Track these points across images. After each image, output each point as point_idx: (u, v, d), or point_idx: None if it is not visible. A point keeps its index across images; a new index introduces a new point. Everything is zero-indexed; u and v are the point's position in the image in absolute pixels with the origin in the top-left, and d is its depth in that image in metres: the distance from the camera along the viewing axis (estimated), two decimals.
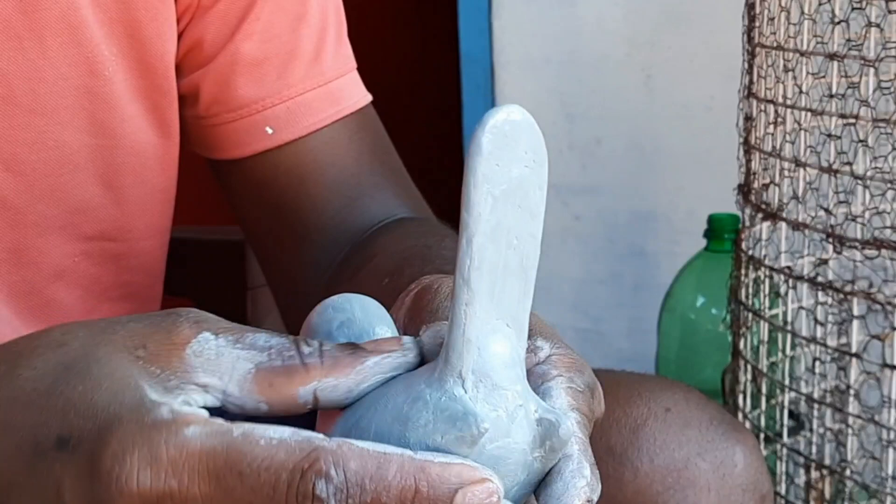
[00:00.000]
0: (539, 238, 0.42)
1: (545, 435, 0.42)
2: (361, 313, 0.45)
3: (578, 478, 0.42)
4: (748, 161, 1.05)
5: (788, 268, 1.02)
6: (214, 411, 0.40)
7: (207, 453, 0.37)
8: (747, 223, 1.06)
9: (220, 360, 0.40)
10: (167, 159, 0.75)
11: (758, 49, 1.02)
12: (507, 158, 0.40)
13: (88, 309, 0.74)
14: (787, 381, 1.05)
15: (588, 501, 0.41)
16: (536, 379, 0.44)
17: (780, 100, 0.99)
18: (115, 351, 0.40)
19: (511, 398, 0.41)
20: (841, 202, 0.96)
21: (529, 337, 0.44)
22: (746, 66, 1.05)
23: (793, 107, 0.97)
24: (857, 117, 0.91)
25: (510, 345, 0.42)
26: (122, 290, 0.77)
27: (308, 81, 0.75)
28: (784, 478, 1.05)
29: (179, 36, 0.72)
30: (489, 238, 0.41)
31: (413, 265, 0.61)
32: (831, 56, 0.92)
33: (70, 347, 0.40)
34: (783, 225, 1.01)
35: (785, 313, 1.04)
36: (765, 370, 1.05)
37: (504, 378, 0.41)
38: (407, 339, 0.42)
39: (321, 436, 0.38)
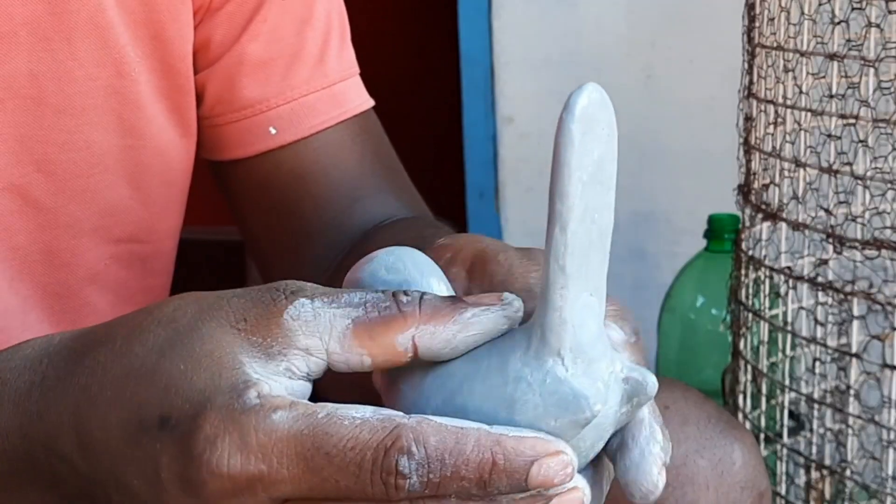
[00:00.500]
0: (613, 205, 0.43)
1: (633, 392, 0.43)
2: (413, 266, 0.46)
3: (653, 443, 0.43)
4: (748, 161, 1.05)
5: (788, 268, 1.02)
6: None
7: (295, 436, 0.39)
8: (747, 223, 1.06)
9: (317, 321, 0.41)
10: (187, 159, 0.75)
11: (758, 49, 1.02)
12: (592, 141, 0.42)
13: (118, 313, 0.74)
14: (787, 382, 1.05)
15: (663, 465, 0.42)
16: None
17: (780, 100, 0.99)
18: (218, 325, 0.41)
19: (605, 368, 0.42)
20: (841, 202, 0.96)
21: None
22: (746, 66, 1.05)
23: (793, 107, 0.97)
24: (857, 117, 0.91)
25: (598, 316, 0.43)
26: (148, 294, 0.77)
27: (312, 83, 0.75)
28: (784, 478, 1.05)
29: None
30: (579, 223, 0.42)
31: None
32: (831, 56, 0.92)
33: (179, 324, 0.42)
34: (783, 225, 1.01)
35: (785, 313, 1.04)
36: (765, 370, 1.05)
37: (597, 350, 0.42)
38: (508, 294, 0.42)
39: (401, 414, 0.39)
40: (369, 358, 0.42)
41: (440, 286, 0.46)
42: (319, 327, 0.41)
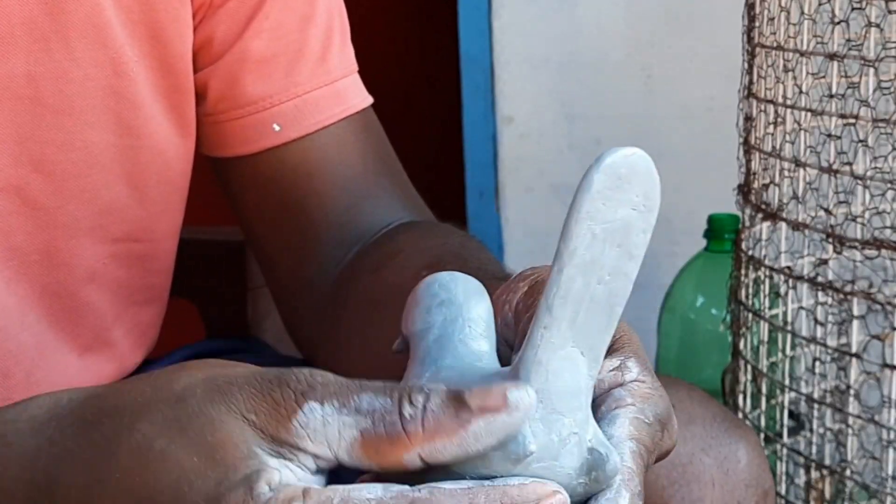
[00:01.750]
0: (633, 278, 0.43)
1: (593, 465, 0.43)
2: (464, 296, 0.47)
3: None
4: (748, 161, 1.05)
5: (788, 268, 1.02)
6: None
7: None
8: (747, 223, 1.06)
9: (326, 430, 0.41)
10: (186, 158, 0.75)
11: (758, 49, 1.02)
12: (616, 199, 0.41)
13: (117, 313, 0.75)
14: (787, 382, 1.05)
15: None
16: (612, 402, 0.45)
17: (780, 100, 0.99)
18: (229, 413, 0.41)
19: (567, 424, 0.42)
20: (841, 202, 0.96)
21: (624, 356, 0.45)
22: (746, 66, 1.05)
23: (793, 107, 0.98)
24: (857, 117, 0.91)
25: (579, 373, 0.42)
26: (147, 293, 0.77)
27: (315, 80, 0.75)
28: (784, 478, 1.05)
29: (192, 33, 0.73)
30: (580, 272, 0.41)
31: (451, 261, 0.62)
32: (831, 56, 0.92)
33: (187, 405, 0.42)
34: (783, 225, 1.01)
35: (785, 313, 1.04)
36: (765, 370, 1.05)
37: (566, 404, 0.42)
38: (513, 395, 0.41)
39: (408, 487, 0.40)
40: (377, 467, 0.42)
41: (480, 310, 0.46)
42: (328, 437, 0.41)
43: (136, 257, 0.74)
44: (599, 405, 0.45)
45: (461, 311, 0.46)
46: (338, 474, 0.43)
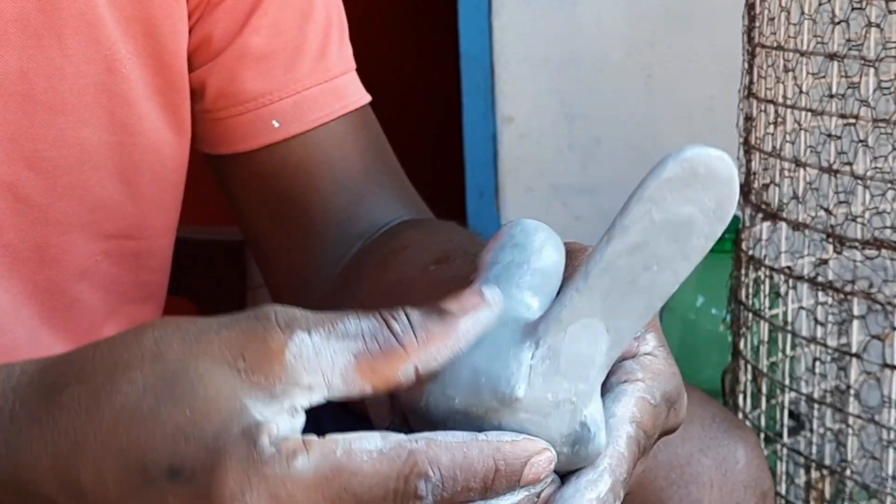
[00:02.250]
0: (681, 279, 0.42)
1: (578, 439, 0.42)
2: (539, 243, 0.46)
3: (591, 489, 0.43)
4: (748, 161, 1.05)
5: (788, 268, 1.02)
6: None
7: (321, 482, 0.39)
8: (747, 223, 1.06)
9: (320, 358, 0.41)
10: (181, 156, 0.75)
11: (758, 49, 1.02)
12: (685, 195, 0.40)
13: (110, 310, 0.75)
14: (787, 381, 1.05)
15: None
16: (621, 374, 0.45)
17: (781, 100, 0.99)
18: (215, 364, 0.40)
19: (566, 389, 0.42)
20: (841, 202, 0.96)
21: (643, 331, 0.46)
22: (746, 66, 1.05)
23: (793, 107, 0.98)
24: (857, 117, 0.91)
25: (597, 347, 0.42)
26: (142, 290, 0.77)
27: (314, 76, 0.75)
28: (784, 478, 1.05)
29: (189, 32, 0.73)
30: (627, 251, 0.41)
31: (459, 256, 0.61)
32: (831, 56, 0.92)
33: (167, 360, 0.41)
34: (783, 225, 1.01)
35: (785, 313, 1.04)
36: (765, 370, 1.05)
37: (572, 371, 0.42)
38: (488, 291, 0.43)
39: (406, 437, 0.40)
40: (371, 388, 0.41)
41: (548, 263, 0.46)
42: (322, 365, 0.41)
43: (130, 254, 0.74)
44: (609, 375, 0.45)
45: (529, 259, 0.45)
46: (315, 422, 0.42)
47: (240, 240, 0.96)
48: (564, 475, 0.43)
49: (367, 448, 0.39)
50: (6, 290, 0.69)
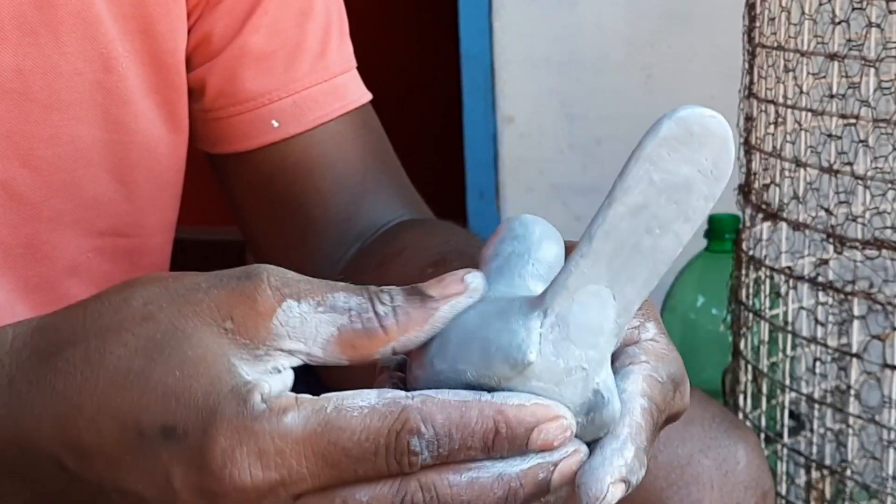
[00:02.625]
0: (684, 241, 0.42)
1: (593, 406, 0.42)
2: (539, 234, 0.47)
3: (617, 456, 0.42)
4: (749, 161, 1.05)
5: (789, 268, 1.02)
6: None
7: (310, 437, 0.39)
8: (748, 223, 1.06)
9: (304, 327, 0.42)
10: (177, 155, 0.75)
11: (758, 49, 1.02)
12: (682, 154, 0.41)
13: None
14: (787, 382, 1.05)
15: (621, 480, 0.42)
16: (625, 358, 0.45)
17: (781, 100, 0.99)
18: (204, 325, 0.41)
19: (577, 356, 0.42)
20: (841, 202, 0.96)
21: (644, 318, 0.46)
22: (747, 66, 1.05)
23: (793, 107, 0.97)
24: (857, 117, 0.91)
25: (606, 314, 0.42)
26: None
27: (314, 76, 0.75)
28: (784, 478, 1.05)
29: (189, 31, 0.72)
30: (629, 212, 0.41)
31: (456, 258, 0.62)
32: (832, 56, 0.92)
33: (157, 321, 0.42)
34: (783, 225, 1.01)
35: (785, 313, 1.04)
36: (765, 370, 1.05)
37: (582, 338, 0.42)
38: (470, 277, 0.43)
39: (404, 393, 0.40)
40: (348, 361, 0.43)
41: (549, 253, 0.46)
42: (306, 333, 0.42)
43: (123, 252, 0.74)
44: (613, 360, 0.45)
45: (530, 249, 0.46)
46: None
47: (240, 240, 0.96)
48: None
49: (360, 404, 0.40)
50: (1, 288, 0.69)
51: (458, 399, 0.40)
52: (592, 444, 0.43)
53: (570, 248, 0.48)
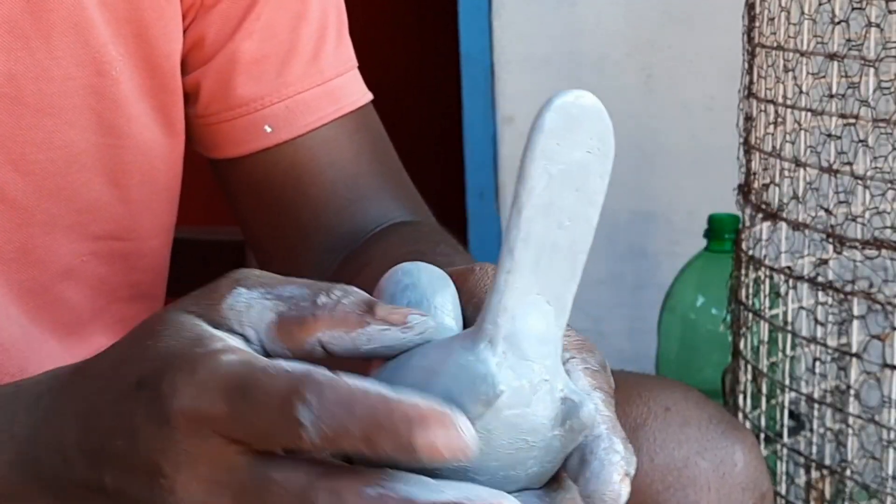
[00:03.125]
0: (594, 224, 0.43)
1: (567, 414, 0.42)
2: (427, 281, 0.46)
3: (612, 453, 0.42)
4: (748, 161, 1.05)
5: (789, 268, 1.02)
6: None
7: (227, 376, 0.40)
8: (747, 223, 1.06)
9: (250, 312, 0.44)
10: (173, 158, 0.75)
11: (758, 49, 1.02)
12: (570, 140, 0.41)
13: (98, 309, 0.75)
14: (787, 382, 1.05)
15: (626, 475, 0.42)
16: None
17: (781, 100, 0.99)
18: (175, 310, 0.44)
19: (537, 371, 0.42)
20: (841, 202, 0.96)
21: None
22: (746, 66, 1.05)
23: (793, 107, 0.97)
24: (857, 117, 0.91)
25: (546, 321, 0.42)
26: (132, 290, 0.77)
27: (307, 80, 0.75)
28: (784, 478, 1.05)
29: (184, 33, 0.72)
30: (540, 213, 0.41)
31: None
32: (831, 56, 0.92)
33: (150, 321, 0.45)
34: (783, 225, 1.01)
35: (785, 313, 1.04)
36: (765, 370, 1.05)
37: (534, 351, 0.42)
38: (414, 318, 0.43)
39: (323, 370, 0.40)
40: (289, 352, 0.43)
41: (445, 296, 0.46)
42: (251, 319, 0.43)
43: (119, 255, 0.74)
44: None
45: (425, 295, 0.46)
46: None
47: (240, 240, 0.96)
48: (569, 458, 0.43)
49: (283, 366, 0.40)
50: None
51: (357, 384, 0.38)
52: (575, 452, 0.43)
53: (455, 276, 0.48)
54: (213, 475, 0.40)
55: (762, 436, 1.06)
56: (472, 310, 0.47)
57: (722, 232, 1.35)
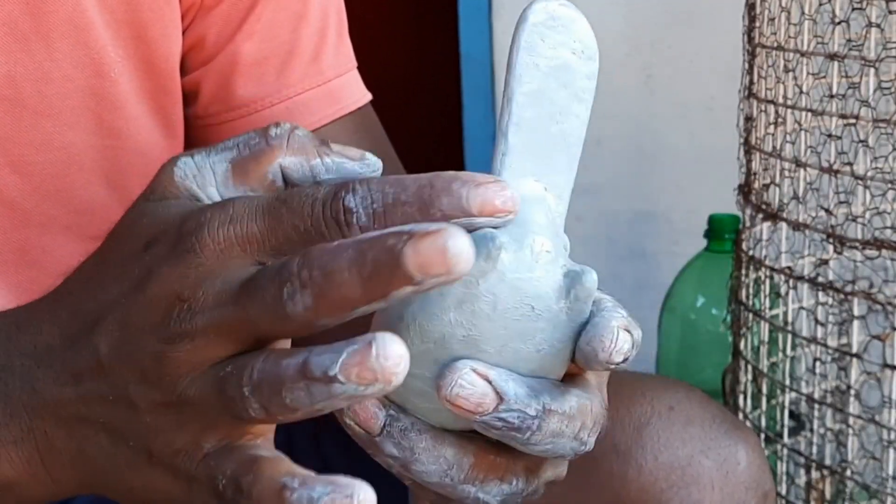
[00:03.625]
0: (585, 122, 0.44)
1: (570, 284, 0.43)
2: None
3: (615, 311, 0.43)
4: (748, 161, 1.05)
5: (789, 268, 1.02)
6: None
7: (265, 200, 0.42)
8: (748, 223, 1.06)
9: (202, 172, 0.45)
10: None
11: (758, 49, 1.02)
12: (555, 40, 0.43)
13: None
14: (787, 382, 1.05)
15: (627, 331, 0.43)
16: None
17: (781, 100, 0.99)
18: (141, 205, 0.46)
19: (538, 242, 0.42)
20: (841, 202, 0.96)
21: None
22: (747, 66, 1.05)
23: (793, 107, 0.98)
24: (857, 117, 0.91)
25: (546, 205, 0.44)
26: None
27: (307, 81, 0.75)
28: (784, 478, 1.05)
29: (182, 34, 0.72)
30: (529, 100, 0.43)
31: None
32: (832, 56, 0.92)
33: (124, 221, 0.47)
34: (783, 225, 1.01)
35: (785, 313, 1.04)
36: (765, 370, 1.05)
37: (536, 226, 0.43)
38: (371, 156, 0.45)
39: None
40: (250, 190, 0.44)
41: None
42: (205, 178, 0.45)
43: None
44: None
45: None
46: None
47: None
48: (578, 334, 0.43)
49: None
50: None
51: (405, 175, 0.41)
52: (583, 336, 0.43)
53: None
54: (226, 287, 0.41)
55: (762, 436, 1.06)
56: None
57: (722, 232, 1.35)
